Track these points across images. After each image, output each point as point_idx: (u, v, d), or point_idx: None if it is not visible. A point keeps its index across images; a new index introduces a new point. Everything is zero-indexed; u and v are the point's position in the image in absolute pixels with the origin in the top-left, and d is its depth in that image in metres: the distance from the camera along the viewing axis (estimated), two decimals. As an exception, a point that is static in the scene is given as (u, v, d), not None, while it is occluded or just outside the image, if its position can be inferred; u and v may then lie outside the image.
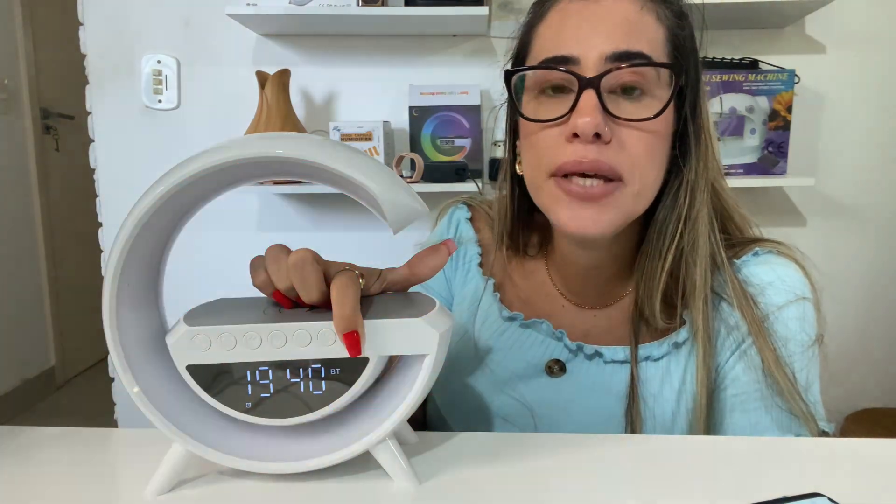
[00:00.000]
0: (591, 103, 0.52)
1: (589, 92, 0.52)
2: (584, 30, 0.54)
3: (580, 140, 0.52)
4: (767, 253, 0.60)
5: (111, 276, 0.39)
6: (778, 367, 0.55)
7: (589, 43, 0.53)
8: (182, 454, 0.42)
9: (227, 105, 1.71)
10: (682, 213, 0.58)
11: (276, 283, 0.42)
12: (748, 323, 0.57)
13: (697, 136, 0.58)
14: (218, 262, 1.75)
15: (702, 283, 0.57)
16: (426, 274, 0.45)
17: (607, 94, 0.53)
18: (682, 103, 0.57)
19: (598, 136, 0.52)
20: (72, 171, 2.87)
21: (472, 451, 0.48)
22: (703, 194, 0.58)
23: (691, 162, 0.58)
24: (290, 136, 0.40)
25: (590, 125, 0.51)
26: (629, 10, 0.54)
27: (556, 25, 0.56)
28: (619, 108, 0.53)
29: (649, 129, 0.54)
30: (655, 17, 0.55)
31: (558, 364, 0.62)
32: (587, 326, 0.64)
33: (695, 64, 0.58)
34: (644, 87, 0.54)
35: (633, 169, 0.54)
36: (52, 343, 2.84)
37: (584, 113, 0.51)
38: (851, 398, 1.79)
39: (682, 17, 0.57)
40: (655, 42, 0.54)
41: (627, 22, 0.53)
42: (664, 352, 0.59)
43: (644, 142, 0.54)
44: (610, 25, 0.53)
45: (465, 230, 0.72)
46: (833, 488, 0.41)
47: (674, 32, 0.56)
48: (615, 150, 0.53)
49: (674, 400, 0.58)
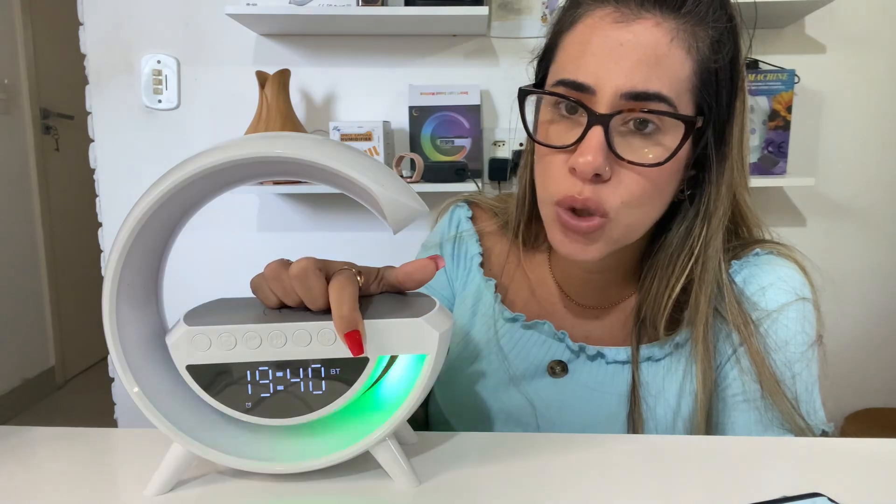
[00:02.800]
0: (596, 142, 0.50)
1: (597, 129, 0.51)
2: (605, 60, 0.51)
3: (578, 176, 0.52)
4: (767, 254, 0.60)
5: (111, 276, 0.39)
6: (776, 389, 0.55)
7: (607, 76, 0.51)
8: (182, 454, 0.42)
9: (227, 105, 1.71)
10: (696, 245, 0.57)
11: (282, 299, 0.42)
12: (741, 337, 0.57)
13: (721, 163, 0.56)
14: (218, 262, 1.75)
15: (706, 301, 0.57)
16: (411, 288, 0.45)
17: (618, 129, 0.52)
18: (703, 135, 0.55)
19: (598, 177, 0.52)
20: (72, 171, 2.87)
21: (472, 451, 0.48)
22: (722, 220, 0.57)
23: (710, 190, 0.56)
24: (290, 136, 0.40)
25: (589, 166, 0.50)
26: (659, 43, 0.51)
27: (581, 44, 0.53)
28: (627, 145, 0.52)
29: (651, 172, 0.53)
30: (686, 50, 0.52)
31: (560, 365, 0.62)
32: (589, 327, 0.64)
33: (730, 89, 0.55)
34: (659, 125, 0.52)
35: (622, 207, 0.53)
36: (52, 343, 2.84)
37: (585, 152, 0.51)
38: (851, 398, 1.79)
39: (719, 46, 0.53)
40: (679, 80, 0.51)
41: (653, 57, 0.50)
42: (665, 352, 0.59)
43: (641, 185, 0.53)
44: (633, 59, 0.50)
45: (466, 228, 0.72)
46: (833, 488, 0.41)
47: (704, 66, 0.53)
48: (612, 187, 0.52)
49: (675, 400, 0.58)
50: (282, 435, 0.45)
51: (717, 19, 0.54)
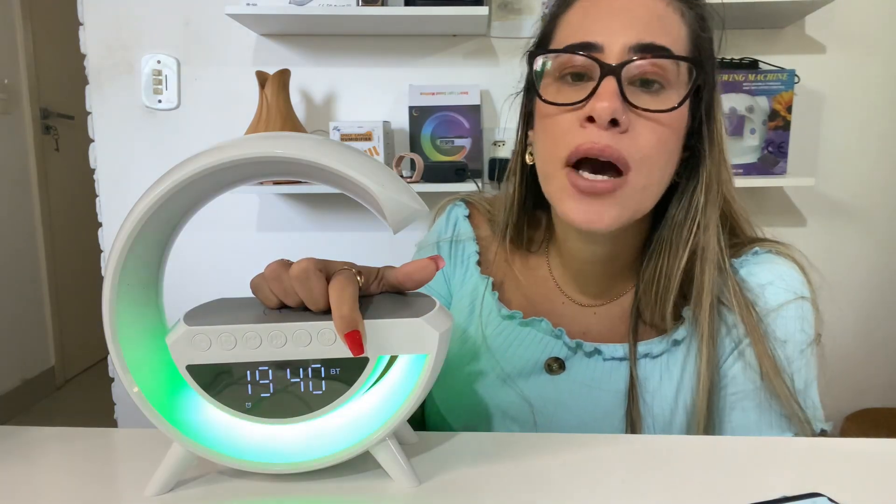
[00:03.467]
0: (611, 89, 0.52)
1: (610, 79, 0.52)
2: (610, 20, 0.55)
3: (596, 125, 0.53)
4: (766, 253, 0.60)
5: (111, 276, 0.39)
6: (776, 373, 0.55)
7: (614, 32, 0.54)
8: (182, 454, 0.42)
9: (227, 105, 1.71)
10: (698, 215, 0.58)
11: (283, 300, 0.43)
12: (746, 327, 0.57)
13: (711, 139, 0.58)
14: (218, 262, 1.75)
15: (710, 287, 0.57)
16: (411, 288, 0.46)
17: (627, 84, 0.53)
18: (699, 103, 0.58)
19: (614, 124, 0.52)
20: (72, 171, 2.87)
21: (472, 451, 0.48)
22: (716, 197, 0.58)
23: (706, 162, 0.58)
24: (290, 136, 0.40)
25: (607, 109, 0.51)
26: (656, 5, 0.55)
27: (582, 14, 0.57)
28: (637, 99, 0.54)
29: (664, 122, 0.54)
30: (680, 14, 0.56)
31: (557, 362, 0.62)
32: (586, 324, 0.64)
33: (712, 68, 0.58)
34: (663, 81, 0.54)
35: (643, 161, 0.54)
36: (52, 343, 2.84)
37: (603, 98, 0.52)
38: (851, 398, 1.79)
39: (704, 21, 0.58)
40: (678, 38, 0.55)
41: (653, 15, 0.54)
42: (663, 349, 0.59)
43: (657, 134, 0.54)
44: (635, 17, 0.54)
45: (463, 227, 0.72)
46: (833, 488, 0.41)
47: (696, 34, 0.57)
48: (629, 139, 0.53)
49: (672, 397, 0.58)
50: (282, 435, 0.45)
51: (698, 4, 0.58)
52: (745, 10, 1.48)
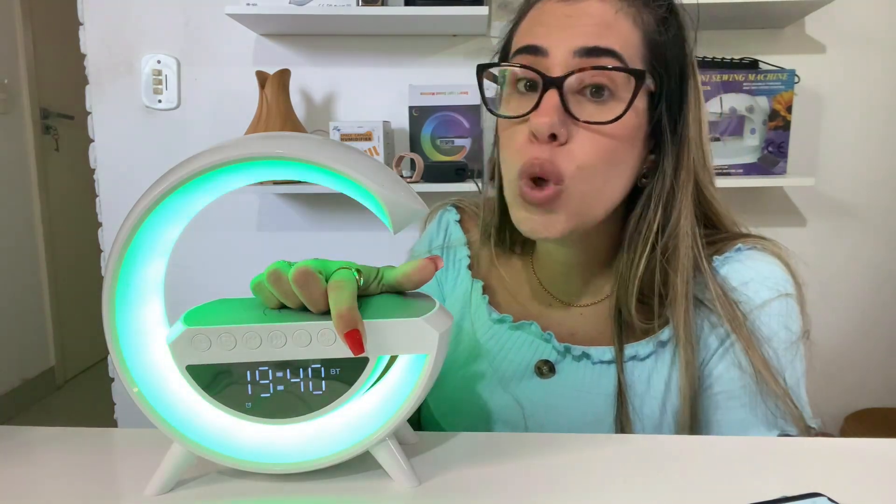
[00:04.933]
0: (552, 104, 0.52)
1: (552, 92, 0.52)
2: (556, 27, 0.54)
3: (538, 140, 0.53)
4: (750, 249, 0.59)
5: (111, 276, 0.39)
6: (761, 371, 0.55)
7: (559, 36, 0.53)
8: (182, 454, 0.42)
9: (227, 105, 1.71)
10: (656, 222, 0.57)
11: (285, 303, 0.43)
12: (730, 325, 0.56)
13: (678, 145, 0.57)
14: (218, 262, 1.75)
15: (682, 291, 0.57)
16: (410, 289, 0.46)
17: (573, 93, 0.53)
18: (657, 106, 0.56)
19: (553, 137, 0.52)
20: (72, 171, 2.87)
21: (472, 451, 0.48)
22: (683, 202, 0.57)
23: (666, 169, 0.57)
24: (290, 136, 0.40)
25: (545, 125, 0.51)
26: (605, 12, 0.54)
27: (532, 21, 0.57)
28: (581, 108, 0.53)
29: (607, 132, 0.53)
30: (632, 21, 0.54)
31: (547, 365, 0.62)
32: (574, 326, 0.64)
33: (679, 70, 0.57)
34: (612, 88, 0.53)
35: (577, 173, 0.53)
36: (52, 343, 2.84)
37: (542, 113, 0.52)
38: (851, 398, 1.78)
39: (665, 23, 0.56)
40: (629, 44, 0.54)
41: (601, 22, 0.53)
42: (650, 351, 0.59)
43: (598, 145, 0.53)
44: (582, 24, 0.53)
45: (454, 232, 0.73)
46: (833, 488, 0.41)
47: (651, 38, 0.55)
48: (566, 151, 0.53)
49: (660, 398, 0.58)
50: (282, 435, 0.45)
51: (659, 5, 0.57)
52: (745, 10, 1.49)
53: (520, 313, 0.65)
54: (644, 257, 0.58)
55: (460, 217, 0.74)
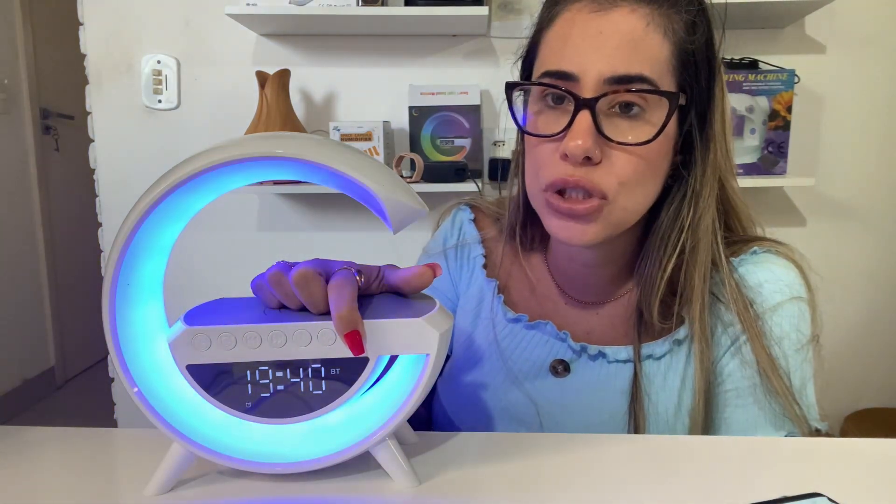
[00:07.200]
0: (585, 126, 0.52)
1: (584, 113, 0.52)
2: (586, 48, 0.53)
3: (570, 161, 0.53)
4: (765, 252, 0.60)
5: (111, 276, 0.39)
6: (773, 369, 0.56)
7: (589, 62, 0.53)
8: (182, 454, 0.42)
9: (227, 105, 1.71)
10: (685, 223, 0.58)
11: (286, 304, 0.43)
12: (743, 324, 0.57)
13: (705, 145, 0.58)
14: (218, 262, 1.75)
15: (700, 288, 0.57)
16: (409, 293, 0.46)
17: (605, 112, 0.53)
18: (687, 115, 0.57)
19: (588, 160, 0.53)
20: (72, 171, 2.87)
21: (472, 451, 0.48)
22: (708, 200, 0.58)
23: (696, 171, 0.58)
24: (290, 136, 0.40)
25: (579, 149, 0.52)
26: (636, 28, 0.53)
27: (562, 37, 0.55)
28: (614, 127, 0.53)
29: (642, 151, 0.54)
30: (662, 33, 0.53)
31: (563, 364, 0.62)
32: (590, 325, 0.64)
33: (708, 72, 0.57)
34: (643, 105, 0.53)
35: (620, 189, 0.54)
36: (52, 343, 2.84)
37: (575, 136, 0.52)
38: (851, 398, 1.79)
39: (694, 29, 0.55)
40: (659, 62, 0.53)
41: (631, 42, 0.52)
42: (666, 350, 0.59)
43: (634, 164, 0.54)
44: (612, 45, 0.52)
45: (469, 231, 0.73)
46: (833, 488, 0.41)
47: (681, 48, 0.55)
48: (604, 170, 0.53)
49: (675, 397, 0.58)
50: (282, 435, 0.45)
51: (690, 3, 0.56)
52: (745, 10, 1.49)
53: (536, 312, 0.66)
54: (673, 259, 0.58)
55: (475, 216, 0.74)
